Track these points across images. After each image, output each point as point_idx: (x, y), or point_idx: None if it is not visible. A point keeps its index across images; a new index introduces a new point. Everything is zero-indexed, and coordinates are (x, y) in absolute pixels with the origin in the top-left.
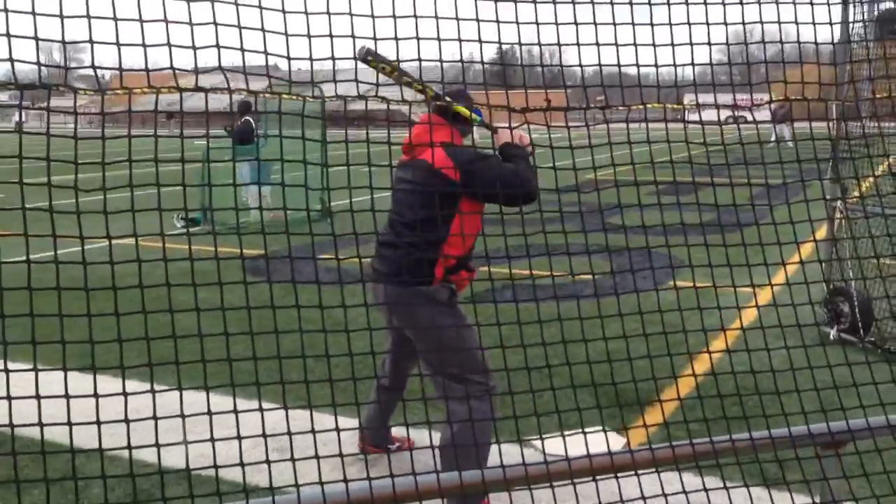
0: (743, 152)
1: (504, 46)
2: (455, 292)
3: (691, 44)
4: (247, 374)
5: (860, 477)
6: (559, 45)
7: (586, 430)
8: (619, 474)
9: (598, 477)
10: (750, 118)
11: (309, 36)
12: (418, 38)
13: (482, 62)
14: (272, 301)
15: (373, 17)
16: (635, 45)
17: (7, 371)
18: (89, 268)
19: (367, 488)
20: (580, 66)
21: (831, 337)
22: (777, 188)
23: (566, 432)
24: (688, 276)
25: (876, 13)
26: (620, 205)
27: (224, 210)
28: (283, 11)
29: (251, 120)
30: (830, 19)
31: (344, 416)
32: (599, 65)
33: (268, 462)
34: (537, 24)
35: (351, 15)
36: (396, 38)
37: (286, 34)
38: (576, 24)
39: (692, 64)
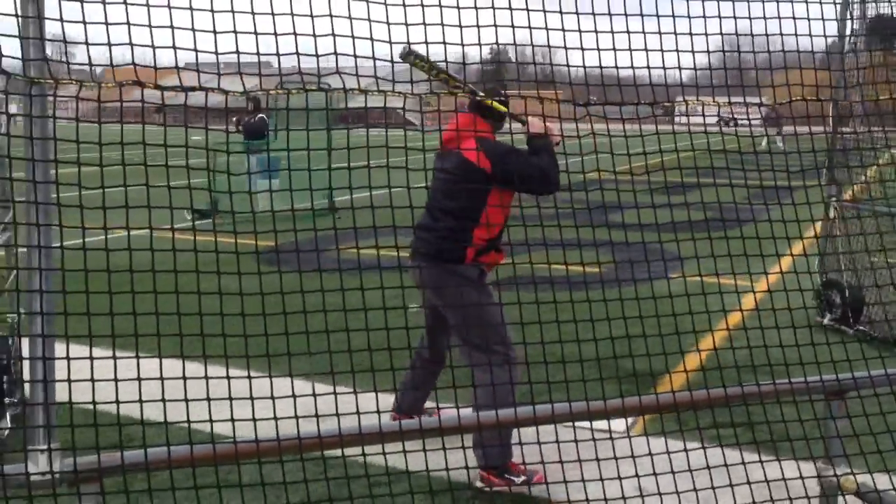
0: (750, 153)
1: (498, 46)
2: (484, 272)
3: (677, 49)
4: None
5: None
6: (565, 47)
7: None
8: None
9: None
10: (742, 121)
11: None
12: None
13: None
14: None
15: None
16: (630, 49)
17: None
18: (110, 255)
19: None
20: (583, 65)
21: (824, 325)
22: (773, 189)
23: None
24: (692, 270)
25: (867, 22)
26: (637, 203)
27: (235, 200)
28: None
29: (265, 116)
30: (824, 30)
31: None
32: (600, 66)
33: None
34: (542, 24)
35: (351, 19)
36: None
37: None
38: (579, 30)
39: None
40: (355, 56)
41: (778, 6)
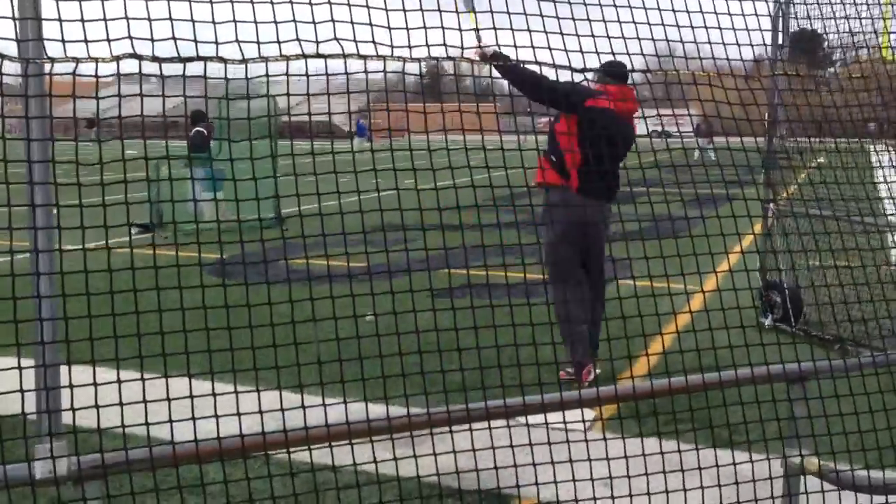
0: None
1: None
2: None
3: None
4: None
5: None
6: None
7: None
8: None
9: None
10: (675, 132)
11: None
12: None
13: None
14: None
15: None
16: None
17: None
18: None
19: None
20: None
21: (766, 325)
22: (715, 195)
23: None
24: (640, 276)
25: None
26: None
27: (180, 214)
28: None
29: (203, 130)
30: (748, 39)
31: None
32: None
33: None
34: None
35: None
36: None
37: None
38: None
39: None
40: (285, 57)
41: (717, 17)
